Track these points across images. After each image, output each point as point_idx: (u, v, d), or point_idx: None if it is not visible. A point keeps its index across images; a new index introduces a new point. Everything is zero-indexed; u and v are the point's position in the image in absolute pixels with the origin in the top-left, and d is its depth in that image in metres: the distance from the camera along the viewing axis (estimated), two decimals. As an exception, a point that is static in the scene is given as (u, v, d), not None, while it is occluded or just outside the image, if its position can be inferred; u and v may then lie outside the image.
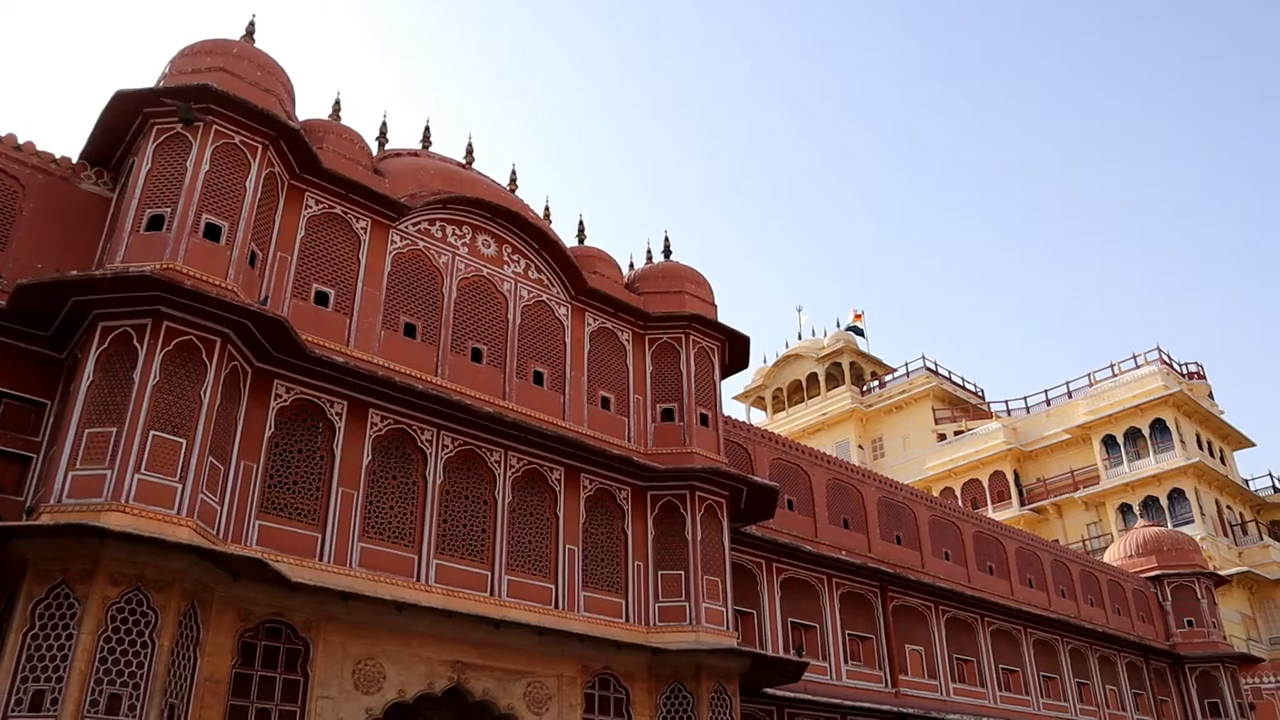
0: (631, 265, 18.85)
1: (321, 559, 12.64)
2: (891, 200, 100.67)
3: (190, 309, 11.73)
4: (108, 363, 11.51)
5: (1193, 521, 39.74)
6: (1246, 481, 45.88)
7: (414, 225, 15.42)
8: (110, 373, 11.46)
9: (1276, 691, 34.42)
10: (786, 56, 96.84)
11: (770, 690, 18.44)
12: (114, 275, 11.53)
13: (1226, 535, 41.93)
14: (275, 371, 12.98)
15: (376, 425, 13.77)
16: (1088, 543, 41.44)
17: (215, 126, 12.93)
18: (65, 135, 66.56)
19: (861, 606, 22.45)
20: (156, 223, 12.35)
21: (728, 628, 16.07)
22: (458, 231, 15.97)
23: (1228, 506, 43.33)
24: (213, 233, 12.50)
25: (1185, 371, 45.87)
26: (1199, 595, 33.56)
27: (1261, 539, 42.93)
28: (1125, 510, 41.75)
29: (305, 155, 14.05)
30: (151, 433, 11.17)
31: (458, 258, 15.76)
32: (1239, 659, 33.58)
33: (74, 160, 13.60)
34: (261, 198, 13.25)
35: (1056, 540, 37.51)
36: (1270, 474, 47.34)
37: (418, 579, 13.40)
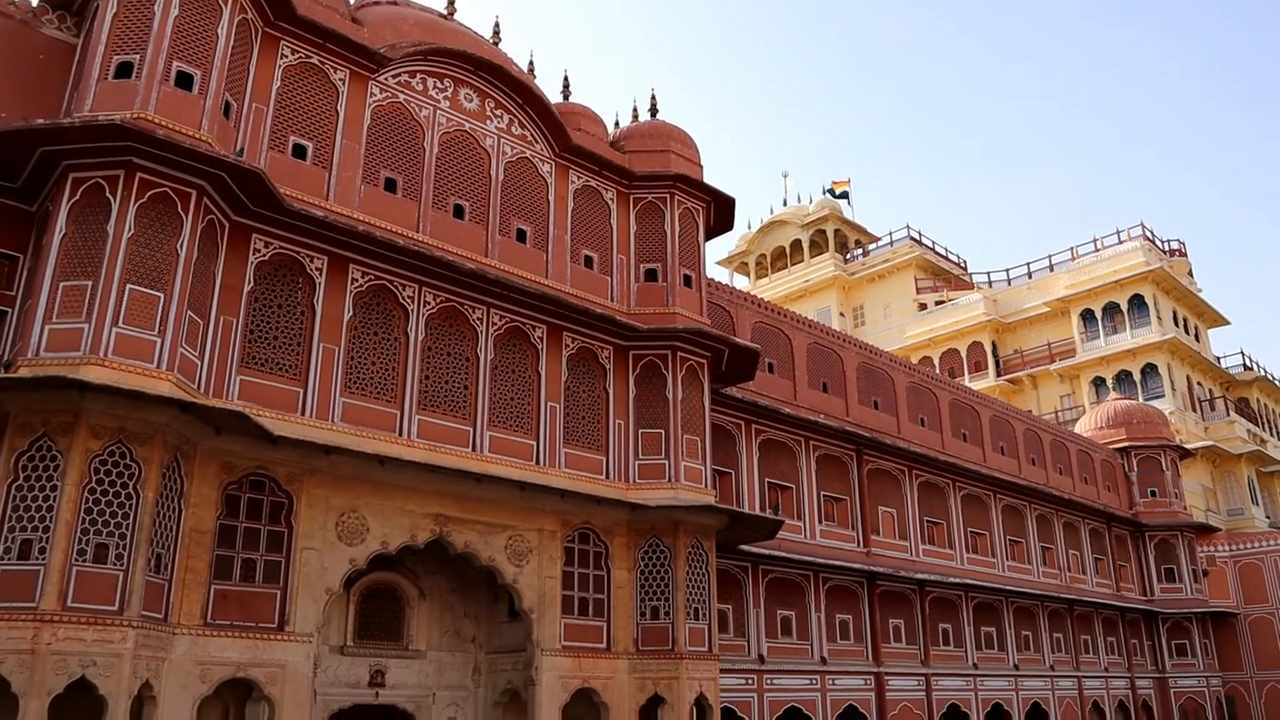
0: (617, 124, 18.43)
1: (303, 414, 12.68)
2: (882, 67, 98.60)
3: (163, 160, 11.41)
4: (80, 215, 11.25)
5: (1163, 396, 40.45)
6: (1219, 359, 46.54)
7: (394, 77, 14.96)
8: (83, 225, 11.21)
9: (1229, 559, 35.72)
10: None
11: (746, 547, 18.97)
12: (82, 124, 11.15)
13: (1195, 410, 42.77)
14: (253, 225, 12.75)
15: (357, 281, 13.64)
16: (1060, 414, 42.18)
17: (183, -32, 12.32)
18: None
19: (837, 469, 22.92)
20: (125, 70, 11.88)
21: (706, 486, 16.37)
22: (439, 85, 15.51)
23: (1198, 383, 44.06)
24: (184, 81, 12.05)
25: (1167, 248, 45.95)
26: (1164, 467, 34.50)
27: (1228, 415, 43.85)
28: (1098, 383, 42.40)
29: (279, 1, 13.49)
30: (128, 286, 11.01)
31: (439, 111, 15.36)
32: (1197, 528, 34.77)
33: (34, 3, 12.98)
34: (235, 45, 12.76)
35: (1030, 411, 38.17)
36: (1242, 352, 48.09)
37: (400, 434, 13.49)
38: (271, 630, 11.96)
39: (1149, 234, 44.36)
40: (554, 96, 17.43)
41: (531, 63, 17.43)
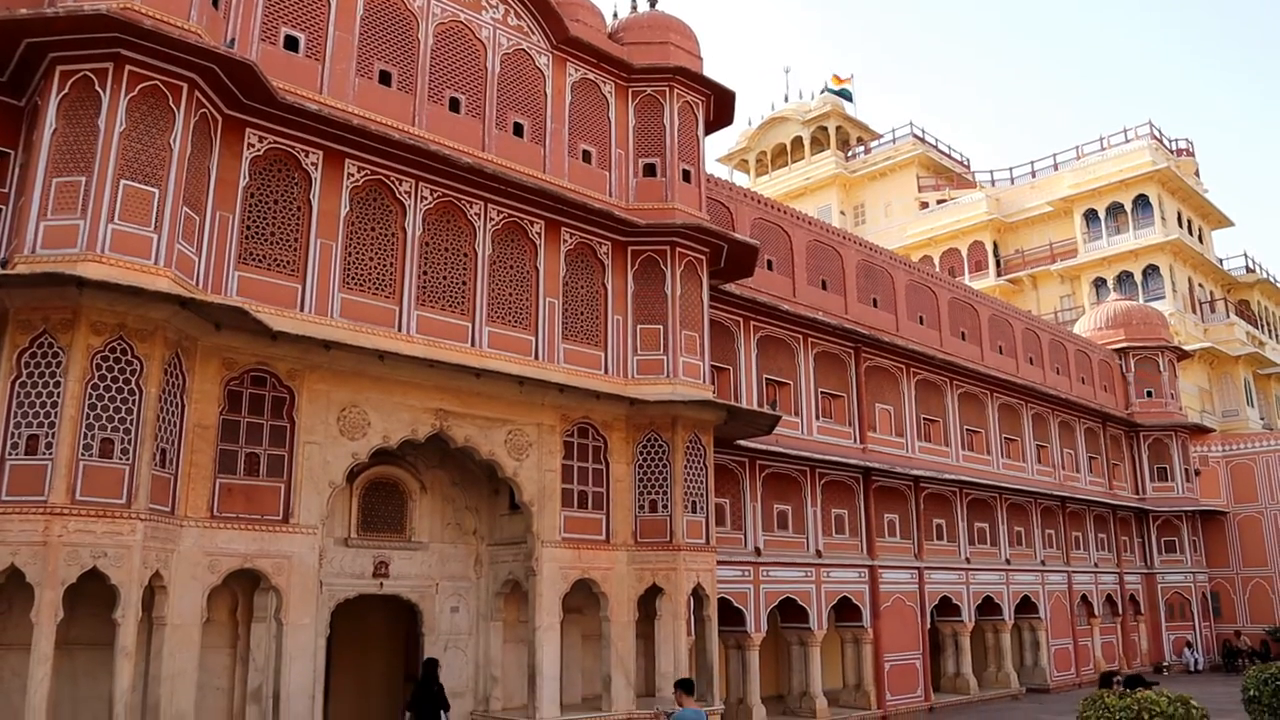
0: (615, 15, 18.02)
1: (302, 309, 12.67)
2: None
3: (153, 52, 11.16)
4: (70, 109, 11.06)
5: (1164, 298, 40.44)
6: (1221, 260, 46.36)
7: (385, -35, 14.57)
8: (74, 120, 11.03)
9: (1222, 459, 36.28)
10: None
11: (744, 442, 19.18)
12: (67, 14, 10.86)
13: (1195, 312, 42.79)
14: (247, 120, 12.55)
15: (353, 176, 13.50)
16: (1059, 315, 42.22)
17: None
18: None
19: (835, 366, 23.04)
20: (109, -45, 11.56)
21: (704, 381, 16.46)
22: (431, -28, 15.12)
23: (1199, 284, 43.98)
24: (170, -33, 11.73)
25: (1174, 148, 45.37)
26: (1161, 368, 34.75)
27: (1228, 317, 43.88)
28: (1099, 284, 42.33)
29: (265, -118, 13.05)
30: (122, 182, 10.89)
31: (433, 1, 15.00)
32: (1191, 429, 35.21)
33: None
34: (221, -70, 12.38)
35: (1030, 311, 38.23)
36: (1245, 254, 47.91)
37: (399, 329, 13.51)
38: (277, 522, 12.18)
39: (1156, 133, 43.76)
40: (551, -14, 17.00)
41: (527, -50, 16.94)
